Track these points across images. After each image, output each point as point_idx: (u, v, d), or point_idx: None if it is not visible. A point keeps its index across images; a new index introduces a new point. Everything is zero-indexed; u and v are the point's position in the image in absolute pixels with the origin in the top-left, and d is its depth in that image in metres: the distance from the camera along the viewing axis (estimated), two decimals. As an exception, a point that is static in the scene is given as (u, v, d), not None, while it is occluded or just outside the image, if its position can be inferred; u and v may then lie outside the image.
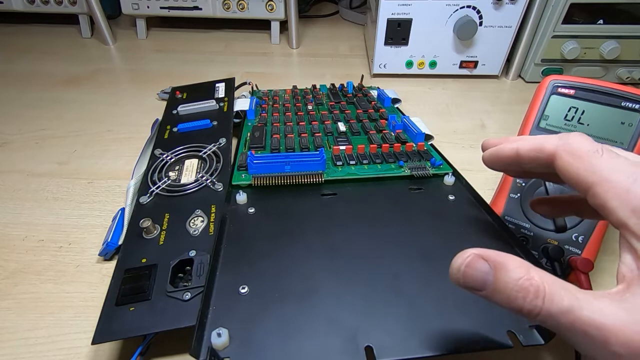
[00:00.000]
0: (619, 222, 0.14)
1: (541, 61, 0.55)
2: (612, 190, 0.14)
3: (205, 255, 0.25)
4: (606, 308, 0.12)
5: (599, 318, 0.12)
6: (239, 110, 0.42)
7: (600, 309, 0.12)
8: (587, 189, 0.15)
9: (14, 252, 0.31)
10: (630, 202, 0.13)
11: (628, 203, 0.13)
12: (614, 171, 0.14)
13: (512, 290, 0.13)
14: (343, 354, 0.18)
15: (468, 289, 0.15)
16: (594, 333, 0.12)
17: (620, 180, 0.14)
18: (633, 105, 0.25)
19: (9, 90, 0.53)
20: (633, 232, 0.13)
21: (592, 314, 0.12)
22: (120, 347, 0.24)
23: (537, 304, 0.13)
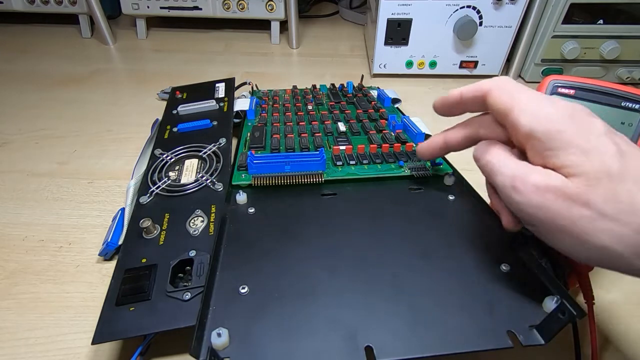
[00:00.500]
0: (527, 132, 0.18)
1: (541, 61, 0.55)
2: (524, 110, 0.19)
3: (205, 255, 0.25)
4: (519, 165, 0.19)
5: (512, 167, 0.19)
6: (239, 110, 0.42)
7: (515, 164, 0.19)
8: (508, 113, 0.20)
9: (14, 252, 0.31)
10: (534, 117, 0.18)
11: (534, 117, 0.18)
12: (526, 98, 0.19)
13: (488, 154, 0.21)
14: (343, 353, 0.18)
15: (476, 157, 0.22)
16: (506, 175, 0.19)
17: (530, 104, 0.19)
18: (633, 105, 0.25)
19: (9, 90, 0.53)
20: (537, 136, 0.18)
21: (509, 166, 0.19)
22: (120, 347, 0.24)
23: (489, 158, 0.20)
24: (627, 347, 0.25)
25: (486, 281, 0.22)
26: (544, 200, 0.17)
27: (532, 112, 0.19)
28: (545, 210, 0.17)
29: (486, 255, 0.23)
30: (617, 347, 0.25)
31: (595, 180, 0.16)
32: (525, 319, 0.19)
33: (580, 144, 0.17)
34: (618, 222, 0.16)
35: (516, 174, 0.18)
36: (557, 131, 0.17)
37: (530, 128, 0.18)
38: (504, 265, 0.22)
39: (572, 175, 0.17)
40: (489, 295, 0.21)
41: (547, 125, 0.18)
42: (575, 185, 0.16)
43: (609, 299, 0.28)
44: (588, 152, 0.17)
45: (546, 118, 0.18)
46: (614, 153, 0.16)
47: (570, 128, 0.17)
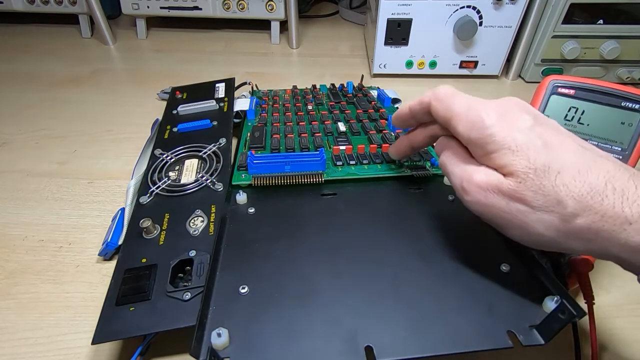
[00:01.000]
0: (466, 140, 0.20)
1: (541, 61, 0.55)
2: (459, 119, 0.20)
3: (205, 255, 0.25)
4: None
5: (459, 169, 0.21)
6: (239, 110, 0.42)
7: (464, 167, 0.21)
8: (448, 122, 0.21)
9: (14, 252, 0.31)
10: (469, 124, 0.20)
11: (468, 125, 0.20)
12: (459, 106, 0.21)
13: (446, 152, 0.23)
14: (343, 353, 0.18)
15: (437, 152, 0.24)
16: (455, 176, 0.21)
17: (463, 112, 0.20)
18: (633, 105, 0.25)
19: (9, 90, 0.53)
20: (474, 142, 0.20)
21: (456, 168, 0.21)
22: (120, 347, 0.24)
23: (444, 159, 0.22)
24: (627, 347, 0.25)
25: (486, 281, 0.22)
26: (487, 199, 0.19)
27: (465, 120, 0.20)
28: (490, 207, 0.19)
29: (486, 255, 0.23)
30: (617, 347, 0.25)
31: (524, 177, 0.18)
32: (525, 319, 0.19)
33: (508, 144, 0.18)
34: (547, 213, 0.17)
35: (463, 176, 0.20)
36: (489, 135, 0.19)
37: (467, 136, 0.20)
38: (504, 265, 0.22)
39: (508, 174, 0.18)
40: (489, 295, 0.21)
41: (480, 132, 0.19)
42: (509, 183, 0.18)
43: (609, 299, 0.28)
44: (515, 151, 0.18)
45: (478, 124, 0.19)
46: (539, 147, 0.18)
47: (500, 129, 0.19)
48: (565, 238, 0.17)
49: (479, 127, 0.19)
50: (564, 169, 0.17)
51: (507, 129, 0.19)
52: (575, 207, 0.17)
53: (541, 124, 0.19)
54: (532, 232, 0.18)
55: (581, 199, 0.17)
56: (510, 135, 0.18)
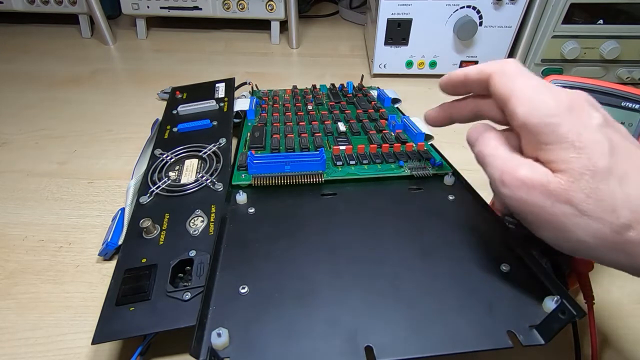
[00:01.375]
0: (521, 123, 0.18)
1: (541, 61, 0.55)
2: (521, 99, 0.18)
3: (205, 255, 0.25)
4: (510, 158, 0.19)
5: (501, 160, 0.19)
6: (239, 110, 0.42)
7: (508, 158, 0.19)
8: (507, 100, 0.19)
9: (14, 252, 0.31)
10: (531, 107, 0.18)
11: (530, 107, 0.18)
12: (524, 86, 0.19)
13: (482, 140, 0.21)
14: (343, 354, 0.18)
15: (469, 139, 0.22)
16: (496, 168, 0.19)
17: (527, 93, 0.18)
18: (633, 105, 0.25)
19: (9, 90, 0.53)
20: (531, 128, 0.18)
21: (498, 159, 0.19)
22: (120, 347, 0.24)
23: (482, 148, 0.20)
24: (627, 347, 0.25)
25: (486, 281, 0.22)
26: (529, 195, 0.17)
27: (529, 103, 0.18)
28: (530, 204, 0.18)
29: (486, 255, 0.23)
30: (617, 347, 0.25)
31: (579, 177, 0.16)
32: (525, 319, 0.19)
33: (572, 139, 0.17)
34: (597, 220, 0.16)
35: (504, 168, 0.18)
36: (551, 125, 0.17)
37: (524, 120, 0.18)
38: (504, 265, 0.22)
39: (559, 171, 0.17)
40: (489, 295, 0.21)
41: (543, 119, 0.17)
42: (559, 182, 0.17)
43: (609, 299, 0.28)
44: (578, 149, 0.17)
45: (542, 110, 0.18)
46: (605, 150, 0.16)
47: (566, 122, 0.17)
48: (610, 249, 0.16)
49: (543, 113, 0.17)
50: (626, 177, 0.16)
51: (574, 123, 0.17)
52: (630, 219, 0.15)
53: (611, 126, 0.18)
54: (572, 237, 0.17)
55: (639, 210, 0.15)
56: (576, 130, 0.17)
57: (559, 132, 0.17)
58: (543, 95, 0.18)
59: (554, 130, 0.17)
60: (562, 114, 0.17)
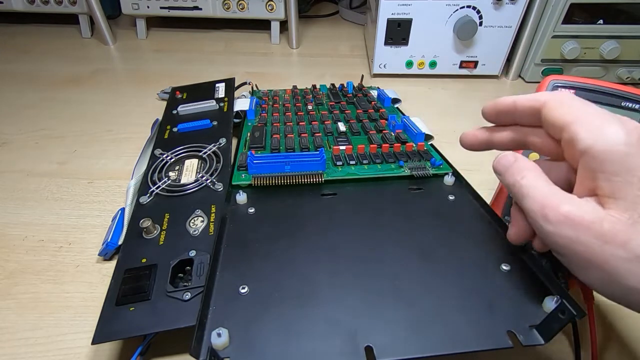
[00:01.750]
0: (585, 147, 0.17)
1: (541, 61, 0.55)
2: (586, 125, 0.17)
3: (205, 255, 0.25)
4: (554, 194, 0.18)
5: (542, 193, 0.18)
6: (239, 110, 0.42)
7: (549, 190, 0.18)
8: (566, 126, 0.18)
9: (14, 252, 0.31)
10: (597, 133, 0.17)
11: (596, 134, 0.17)
12: (590, 113, 0.18)
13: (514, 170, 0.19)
14: (343, 353, 0.18)
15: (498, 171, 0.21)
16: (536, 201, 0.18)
17: (592, 119, 0.17)
18: (633, 105, 0.25)
19: (9, 90, 0.53)
20: (594, 154, 0.17)
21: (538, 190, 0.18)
22: (120, 347, 0.24)
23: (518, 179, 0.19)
24: (627, 347, 0.25)
25: (486, 281, 0.22)
26: (576, 233, 0.16)
27: (595, 128, 0.17)
28: (575, 244, 0.16)
29: (486, 255, 0.23)
30: (617, 347, 0.25)
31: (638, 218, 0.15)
32: (525, 319, 0.19)
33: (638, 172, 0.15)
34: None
35: (546, 202, 0.17)
36: (620, 153, 0.16)
37: (589, 145, 0.17)
38: (504, 265, 0.22)
39: (617, 208, 0.16)
40: (489, 295, 0.21)
41: (612, 146, 0.16)
42: (615, 222, 0.15)
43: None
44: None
45: (611, 137, 0.16)
46: None
47: (637, 152, 0.16)
48: None
49: (613, 141, 0.16)
50: None
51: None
52: None
53: None
54: (623, 283, 0.15)
55: None
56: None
57: (627, 163, 0.16)
58: (613, 123, 0.17)
59: (622, 159, 0.16)
60: (632, 144, 0.16)
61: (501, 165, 0.21)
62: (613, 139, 0.16)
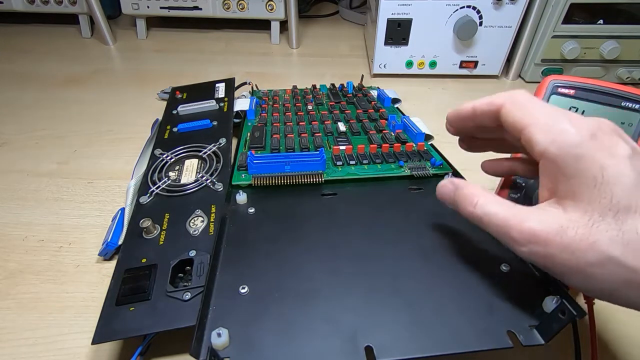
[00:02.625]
0: (541, 151, 0.17)
1: (541, 61, 0.55)
2: (540, 128, 0.17)
3: (205, 255, 0.25)
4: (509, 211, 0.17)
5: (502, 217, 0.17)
6: (239, 110, 0.42)
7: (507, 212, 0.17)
8: (522, 129, 0.18)
9: (14, 252, 0.31)
10: (552, 136, 0.17)
11: (550, 137, 0.17)
12: (542, 114, 0.17)
13: (463, 201, 0.20)
14: (343, 353, 0.18)
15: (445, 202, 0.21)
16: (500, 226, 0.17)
17: (546, 121, 0.17)
18: (633, 105, 0.25)
19: (9, 90, 0.53)
20: (551, 158, 0.16)
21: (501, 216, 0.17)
22: (120, 347, 0.24)
23: (472, 209, 0.19)
24: (627, 347, 0.25)
25: (486, 281, 0.22)
26: (545, 249, 0.16)
27: (548, 130, 0.17)
28: (549, 258, 0.16)
29: (486, 255, 0.23)
30: (617, 347, 0.25)
31: (600, 219, 0.15)
32: (525, 319, 0.19)
33: (594, 172, 0.15)
34: (625, 267, 0.14)
35: (509, 225, 0.17)
36: (572, 156, 0.16)
37: (543, 147, 0.17)
38: (504, 265, 0.22)
39: (576, 211, 0.15)
40: (489, 295, 0.21)
41: (564, 149, 0.16)
42: (577, 227, 0.15)
43: (609, 299, 0.28)
44: (601, 184, 0.15)
45: (564, 138, 0.16)
46: (630, 183, 0.15)
47: (589, 152, 0.16)
48: None
49: (564, 142, 0.16)
50: None
51: (598, 153, 0.15)
52: None
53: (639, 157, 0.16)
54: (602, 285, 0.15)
55: None
56: (599, 161, 0.15)
57: (581, 164, 0.15)
58: (563, 123, 0.17)
59: (575, 161, 0.16)
60: (584, 143, 0.16)
61: (444, 195, 0.21)
62: (565, 141, 0.16)
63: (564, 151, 0.16)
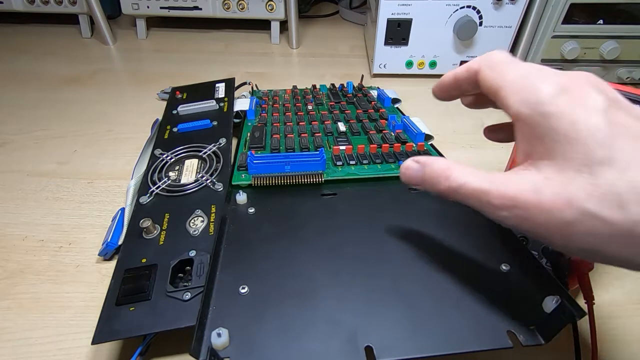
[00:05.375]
0: (514, 113, 0.17)
1: (541, 61, 0.55)
2: (511, 89, 0.17)
3: (205, 255, 0.25)
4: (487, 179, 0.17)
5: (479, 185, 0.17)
6: (239, 110, 0.42)
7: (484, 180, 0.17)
8: (496, 93, 0.18)
9: (14, 252, 0.31)
10: (522, 96, 0.16)
11: (520, 97, 0.16)
12: (514, 75, 0.17)
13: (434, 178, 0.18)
14: (343, 353, 0.18)
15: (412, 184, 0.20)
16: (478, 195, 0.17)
17: (517, 81, 0.17)
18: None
19: (9, 90, 0.53)
20: (523, 120, 0.16)
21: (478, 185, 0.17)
22: (120, 347, 0.24)
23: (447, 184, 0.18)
24: (627, 347, 0.25)
25: (486, 281, 0.22)
26: (527, 212, 0.15)
27: (519, 91, 0.16)
28: (530, 221, 0.16)
29: (486, 255, 0.23)
30: (617, 347, 0.25)
31: (576, 176, 0.14)
32: (525, 319, 0.19)
33: (565, 128, 0.15)
34: (604, 222, 0.14)
35: (488, 192, 0.16)
36: (542, 114, 0.15)
37: (516, 109, 0.16)
38: (504, 265, 0.22)
39: (551, 171, 0.15)
40: (489, 295, 0.21)
41: (534, 108, 0.16)
42: (552, 186, 0.15)
43: (609, 299, 0.28)
44: (572, 140, 0.15)
45: (532, 97, 0.16)
46: (603, 136, 0.14)
47: (559, 108, 0.15)
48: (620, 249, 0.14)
49: (533, 101, 0.16)
50: (631, 165, 0.14)
51: (569, 108, 0.15)
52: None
53: (617, 107, 0.15)
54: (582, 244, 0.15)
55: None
56: (569, 117, 0.15)
57: (550, 123, 0.15)
58: (533, 80, 0.16)
59: (545, 120, 0.15)
60: (555, 99, 0.15)
61: (410, 177, 0.20)
62: (535, 100, 0.16)
63: (535, 111, 0.16)
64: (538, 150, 0.16)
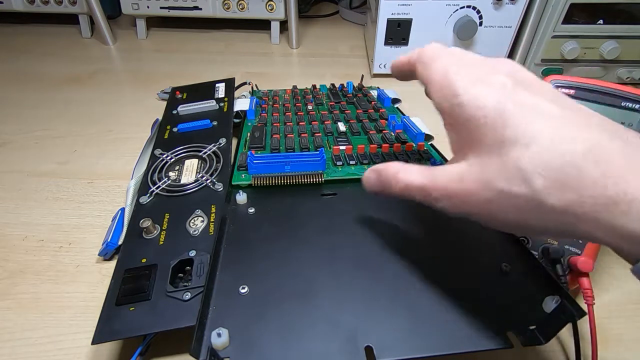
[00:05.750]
0: (438, 108, 0.18)
1: (541, 61, 0.55)
2: (435, 86, 0.18)
3: (205, 255, 0.25)
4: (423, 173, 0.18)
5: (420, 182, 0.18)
6: (239, 110, 0.42)
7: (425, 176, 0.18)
8: (426, 88, 0.19)
9: (14, 252, 0.31)
10: (442, 92, 0.17)
11: (441, 93, 0.17)
12: (436, 71, 0.18)
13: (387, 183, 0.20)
14: (343, 353, 0.18)
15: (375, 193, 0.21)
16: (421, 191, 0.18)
17: (437, 78, 0.18)
18: (633, 105, 0.25)
19: (9, 90, 0.53)
20: (448, 113, 0.17)
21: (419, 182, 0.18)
22: (120, 347, 0.24)
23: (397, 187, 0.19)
24: (627, 347, 0.25)
25: (486, 281, 0.22)
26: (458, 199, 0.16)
27: (439, 88, 0.17)
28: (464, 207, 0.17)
29: (486, 255, 0.23)
30: (617, 347, 0.25)
31: (489, 156, 0.15)
32: (525, 319, 0.19)
33: (476, 115, 0.16)
34: (513, 196, 0.15)
35: (426, 187, 0.18)
36: (457, 105, 0.16)
37: (439, 105, 0.18)
38: (504, 265, 0.22)
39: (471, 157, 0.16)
40: (489, 295, 0.21)
41: (450, 101, 0.17)
42: (472, 172, 0.16)
43: (609, 299, 0.28)
44: (484, 124, 0.15)
45: (449, 92, 0.17)
46: (508, 115, 0.15)
47: (469, 97, 0.16)
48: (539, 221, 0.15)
49: (450, 95, 0.17)
50: (533, 140, 0.14)
51: (479, 96, 0.16)
52: (545, 185, 0.14)
53: (521, 88, 0.16)
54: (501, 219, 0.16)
55: (551, 174, 0.14)
56: (476, 103, 0.16)
57: (464, 113, 0.16)
58: (450, 77, 0.17)
59: (460, 111, 0.16)
60: (466, 90, 0.16)
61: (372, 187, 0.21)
62: (450, 94, 0.17)
63: (452, 104, 0.17)
64: (464, 140, 0.17)
